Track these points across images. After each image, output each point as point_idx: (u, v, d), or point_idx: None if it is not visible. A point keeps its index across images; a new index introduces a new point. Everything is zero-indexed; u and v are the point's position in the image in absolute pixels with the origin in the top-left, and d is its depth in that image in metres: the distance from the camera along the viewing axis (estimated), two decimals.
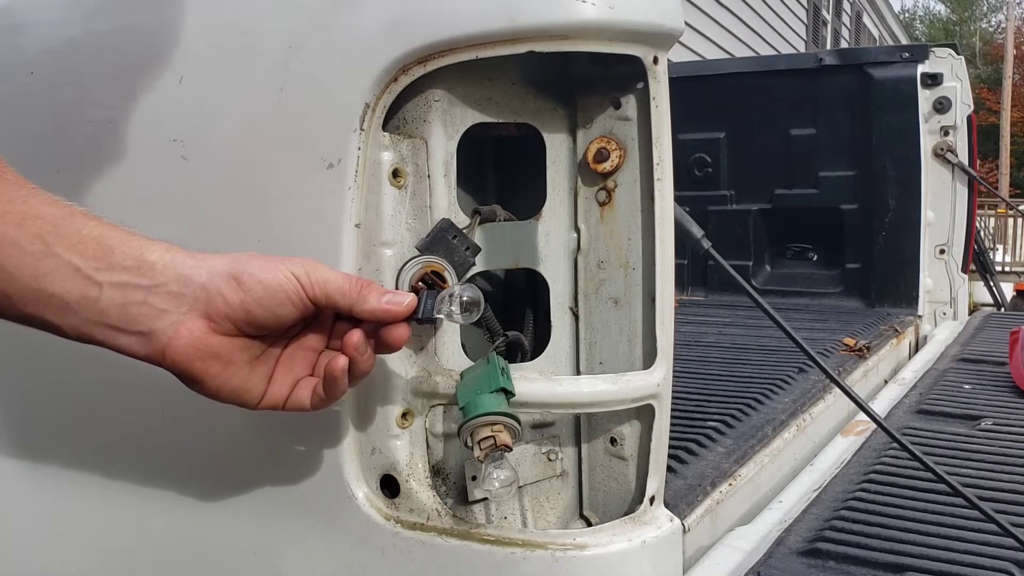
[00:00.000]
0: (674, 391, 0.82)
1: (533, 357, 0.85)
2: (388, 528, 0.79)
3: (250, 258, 0.66)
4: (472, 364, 0.77)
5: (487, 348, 0.86)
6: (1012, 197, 18.66)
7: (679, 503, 0.96)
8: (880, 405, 1.55)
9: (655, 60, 0.74)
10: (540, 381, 0.79)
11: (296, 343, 0.70)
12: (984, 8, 39.05)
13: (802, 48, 11.70)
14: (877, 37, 17.30)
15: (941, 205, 2.43)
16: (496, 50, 0.69)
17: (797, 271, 2.68)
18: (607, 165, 0.79)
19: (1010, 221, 11.02)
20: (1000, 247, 10.49)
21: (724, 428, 1.25)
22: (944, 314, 2.47)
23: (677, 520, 0.83)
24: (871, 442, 1.27)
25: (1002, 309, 3.29)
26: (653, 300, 0.79)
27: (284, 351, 0.69)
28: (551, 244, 0.83)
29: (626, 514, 0.81)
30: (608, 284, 0.82)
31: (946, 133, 2.37)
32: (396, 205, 0.75)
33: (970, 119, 2.39)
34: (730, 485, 1.09)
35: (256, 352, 0.67)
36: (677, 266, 1.20)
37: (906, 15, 40.18)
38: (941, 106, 2.34)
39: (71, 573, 1.00)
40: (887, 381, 1.89)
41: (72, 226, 0.64)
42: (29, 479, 1.00)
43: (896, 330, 2.14)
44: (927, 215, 2.40)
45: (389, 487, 0.79)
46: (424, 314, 0.69)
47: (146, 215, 0.80)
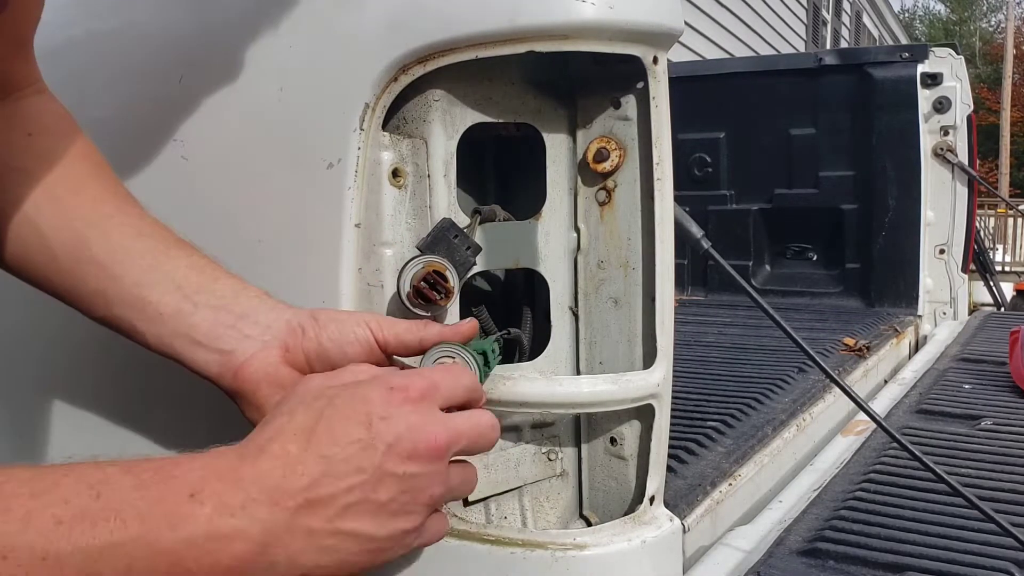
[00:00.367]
0: (674, 391, 0.82)
1: (533, 357, 0.85)
2: None
3: (330, 309, 0.72)
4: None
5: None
6: (1012, 197, 18.67)
7: (679, 503, 0.96)
8: (880, 405, 1.55)
9: (655, 60, 0.74)
10: (540, 381, 0.79)
11: None
12: (984, 8, 39.07)
13: (802, 48, 11.70)
14: (877, 37, 17.30)
15: (941, 205, 2.43)
16: (496, 50, 0.69)
17: (797, 271, 2.68)
18: (607, 165, 0.79)
19: (1010, 221, 11.03)
20: (1000, 247, 10.50)
21: (724, 428, 1.25)
22: (944, 314, 2.47)
23: (677, 520, 0.83)
24: (871, 442, 1.27)
25: (1002, 309, 3.30)
26: (653, 300, 0.79)
27: None
28: (551, 244, 0.83)
29: (626, 514, 0.81)
30: (608, 284, 0.82)
31: (946, 133, 2.37)
32: (396, 205, 0.75)
33: (970, 119, 2.39)
34: (730, 485, 1.09)
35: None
36: (677, 266, 1.20)
37: (906, 15, 40.20)
38: (941, 106, 2.34)
39: None
40: (887, 381, 1.89)
41: (181, 251, 0.71)
42: None
43: (896, 330, 2.14)
44: (927, 215, 2.40)
45: None
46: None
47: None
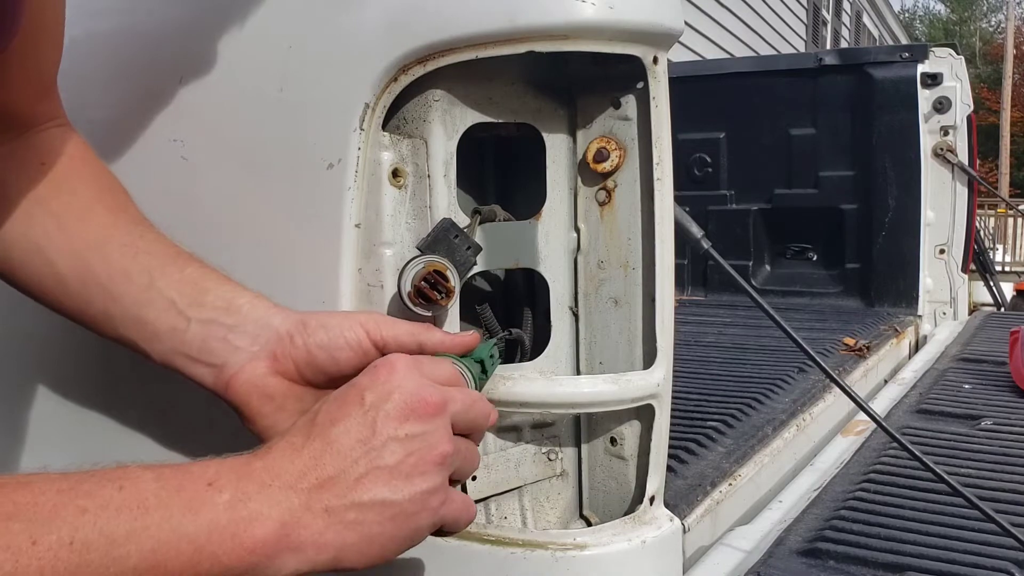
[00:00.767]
0: (674, 391, 0.82)
1: (533, 357, 0.85)
2: None
3: (326, 311, 0.71)
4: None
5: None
6: (1012, 197, 18.66)
7: (679, 503, 0.96)
8: (880, 405, 1.55)
9: (655, 60, 0.74)
10: (540, 381, 0.79)
11: None
12: (984, 8, 39.07)
13: (802, 48, 11.70)
14: (877, 37, 17.30)
15: (941, 205, 2.43)
16: (496, 50, 0.69)
17: (797, 271, 2.68)
18: (607, 165, 0.79)
19: (1010, 221, 11.03)
20: (1000, 247, 10.49)
21: (724, 428, 1.25)
22: (944, 314, 2.47)
23: (677, 520, 0.83)
24: (871, 442, 1.27)
25: (1002, 309, 3.29)
26: (653, 300, 0.79)
27: None
28: (551, 244, 0.83)
29: (626, 514, 0.81)
30: (608, 284, 0.82)
31: (946, 133, 2.37)
32: (396, 205, 0.75)
33: (970, 119, 2.39)
34: (730, 485, 1.09)
35: (309, 405, 0.69)
36: (677, 266, 1.20)
37: (906, 15, 40.19)
38: (941, 106, 2.34)
39: None
40: (887, 381, 1.89)
41: (176, 265, 0.72)
42: None
43: (896, 330, 2.14)
44: (927, 215, 2.40)
45: None
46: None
47: (146, 215, 0.79)
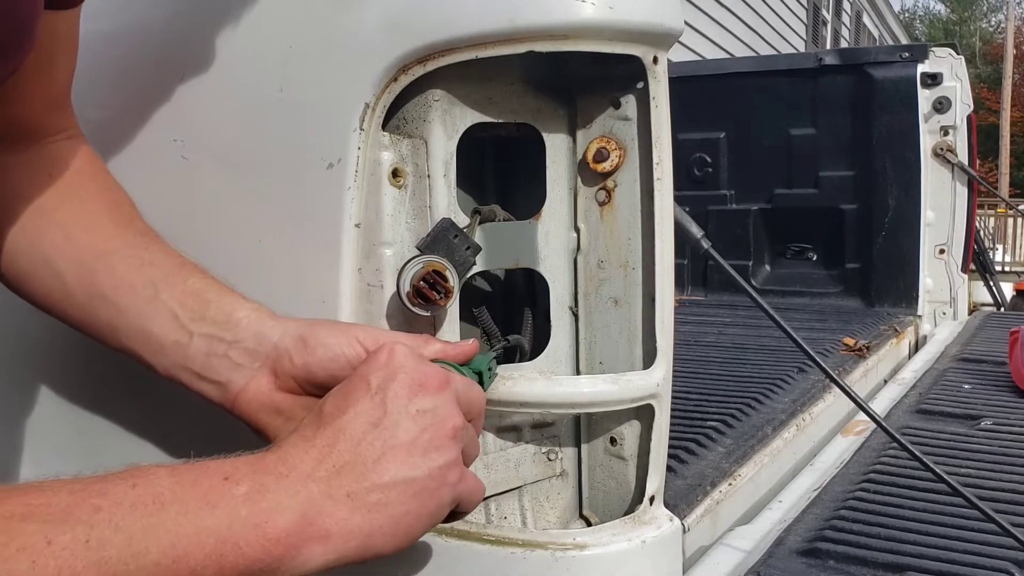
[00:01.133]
0: (674, 391, 0.82)
1: (533, 357, 0.85)
2: None
3: (323, 323, 0.70)
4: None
5: (484, 350, 0.86)
6: (1012, 197, 18.66)
7: (679, 503, 0.96)
8: (880, 405, 1.55)
9: (655, 60, 0.74)
10: (540, 381, 0.79)
11: None
12: (984, 8, 39.07)
13: (802, 48, 11.70)
14: (877, 37, 17.30)
15: (941, 205, 2.43)
16: (496, 50, 0.69)
17: (797, 271, 2.68)
18: (607, 165, 0.79)
19: (1010, 221, 11.03)
20: (1000, 247, 10.49)
21: (724, 428, 1.25)
22: (944, 314, 2.47)
23: (677, 520, 0.83)
24: (871, 442, 1.27)
25: (1002, 309, 3.29)
26: (653, 300, 0.79)
27: None
28: (551, 244, 0.83)
29: (626, 514, 0.81)
30: (608, 284, 0.82)
31: (946, 133, 2.37)
32: (396, 205, 0.75)
33: (970, 119, 2.39)
34: (730, 485, 1.09)
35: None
36: (677, 266, 1.20)
37: (906, 15, 40.18)
38: (941, 106, 2.34)
39: None
40: (887, 381, 1.89)
41: (180, 276, 0.72)
42: None
43: (896, 330, 2.14)
44: (927, 215, 2.40)
45: None
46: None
47: (146, 216, 0.79)
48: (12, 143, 0.75)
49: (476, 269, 0.77)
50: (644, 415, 0.81)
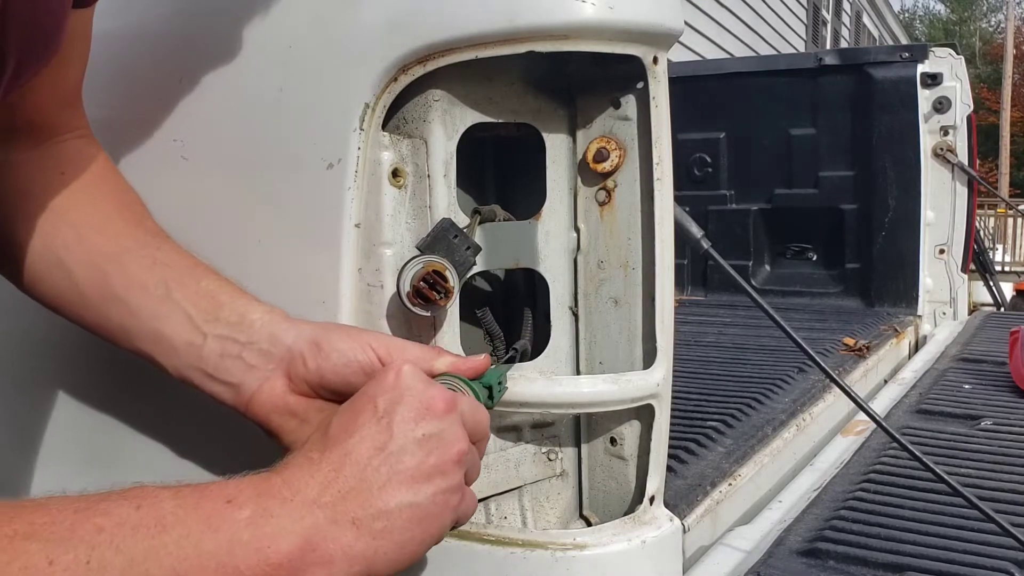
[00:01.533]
0: (674, 391, 0.82)
1: (533, 357, 0.85)
2: None
3: (337, 328, 0.70)
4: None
5: (485, 349, 0.86)
6: (1012, 197, 18.66)
7: (679, 503, 0.96)
8: (880, 405, 1.55)
9: (655, 60, 0.74)
10: (540, 381, 0.79)
11: None
12: (984, 8, 39.07)
13: (802, 48, 11.70)
14: (877, 37, 17.30)
15: (941, 205, 2.43)
16: (496, 50, 0.69)
17: (797, 271, 2.68)
18: (607, 165, 0.79)
19: (1010, 221, 11.03)
20: (1000, 247, 10.49)
21: (724, 428, 1.25)
22: (944, 314, 2.47)
23: (677, 520, 0.83)
24: (871, 442, 1.27)
25: (1002, 309, 3.29)
26: (653, 300, 0.79)
27: None
28: (551, 244, 0.83)
29: (626, 514, 0.81)
30: (608, 284, 0.82)
31: (946, 133, 2.37)
32: (396, 205, 0.75)
33: (970, 119, 2.39)
34: (730, 485, 1.09)
35: (332, 416, 0.69)
36: (677, 266, 1.20)
37: (906, 15, 40.19)
38: (941, 106, 2.34)
39: None
40: (887, 381, 1.89)
41: (192, 277, 0.72)
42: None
43: (896, 330, 2.14)
44: (927, 215, 2.40)
45: None
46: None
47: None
48: (24, 140, 0.75)
49: (476, 269, 0.77)
50: (644, 415, 0.81)
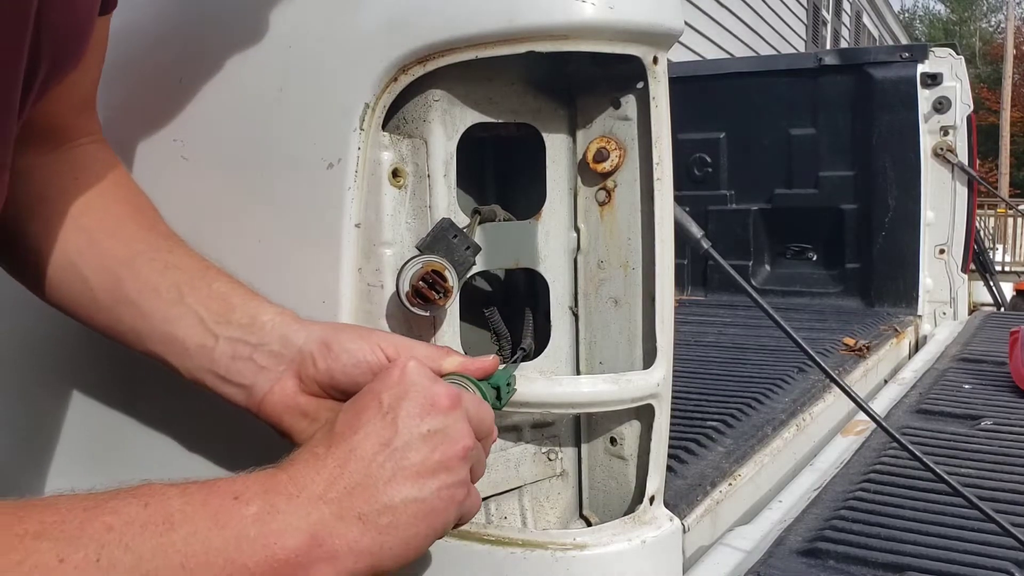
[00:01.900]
0: (674, 391, 0.82)
1: (533, 357, 0.85)
2: None
3: (346, 328, 0.71)
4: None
5: (490, 349, 0.86)
6: (1012, 197, 18.65)
7: (679, 503, 0.96)
8: (880, 405, 1.55)
9: (655, 60, 0.74)
10: (540, 381, 0.79)
11: None
12: (984, 8, 39.07)
13: (802, 48, 11.69)
14: (877, 37, 17.30)
15: (941, 205, 2.43)
16: (496, 50, 0.69)
17: (797, 271, 2.68)
18: (607, 165, 0.79)
19: (1010, 221, 11.02)
20: (1000, 247, 10.49)
21: (724, 428, 1.25)
22: (944, 314, 2.47)
23: (677, 520, 0.83)
24: (871, 442, 1.27)
25: (1002, 309, 3.29)
26: (653, 300, 0.79)
27: None
28: (551, 244, 0.83)
29: (626, 514, 0.81)
30: (608, 284, 0.82)
31: (946, 133, 2.37)
32: (396, 205, 0.75)
33: (970, 119, 2.39)
34: (730, 485, 1.09)
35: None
36: (677, 266, 1.20)
37: (906, 15, 40.18)
38: (941, 106, 2.34)
39: None
40: (887, 381, 1.89)
41: (204, 280, 0.72)
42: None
43: (896, 330, 2.14)
44: (927, 215, 2.40)
45: None
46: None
47: None
48: (39, 144, 0.75)
49: (476, 269, 0.77)
50: (644, 415, 0.81)
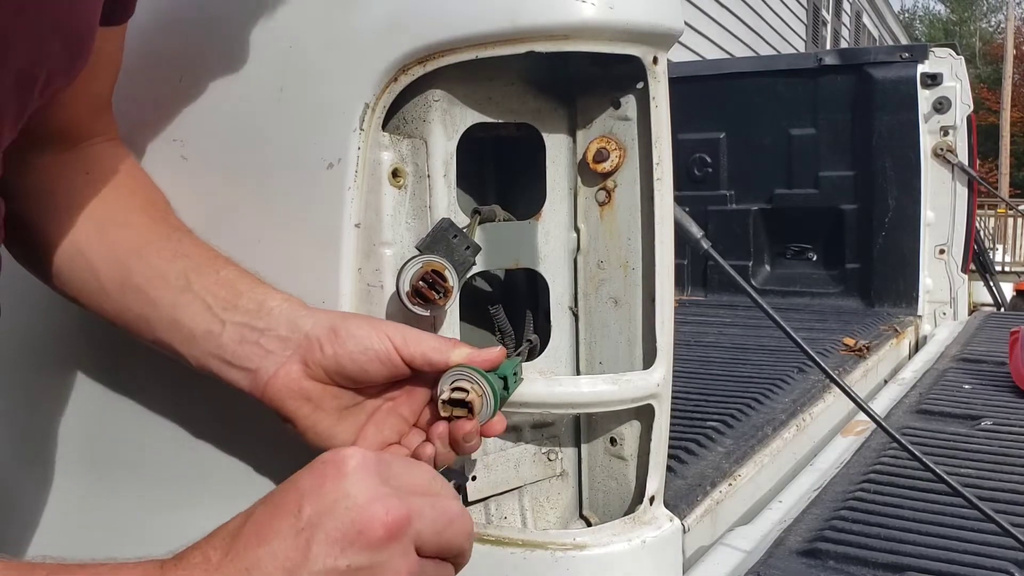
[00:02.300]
0: (674, 391, 0.82)
1: (533, 357, 0.85)
2: None
3: (355, 316, 0.71)
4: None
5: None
6: (1012, 197, 18.66)
7: (679, 503, 0.96)
8: (880, 405, 1.55)
9: (655, 60, 0.74)
10: (540, 381, 0.79)
11: (390, 406, 0.72)
12: (984, 8, 39.08)
13: (802, 48, 11.70)
14: (877, 37, 17.30)
15: (941, 205, 2.43)
16: (496, 50, 0.69)
17: (797, 271, 2.68)
18: (607, 165, 0.79)
19: (1010, 221, 11.03)
20: (1000, 247, 10.49)
21: (724, 428, 1.25)
22: (944, 314, 2.46)
23: (677, 520, 0.83)
24: (871, 442, 1.27)
25: (1002, 309, 3.29)
26: (653, 300, 0.79)
27: (377, 412, 0.72)
28: (551, 244, 0.83)
29: (626, 514, 0.81)
30: (608, 284, 0.82)
31: (946, 133, 2.37)
32: (396, 205, 0.75)
33: (970, 119, 2.39)
34: (730, 485, 1.09)
35: (347, 403, 0.70)
36: (677, 266, 1.20)
37: (906, 15, 40.19)
38: (941, 106, 2.34)
39: None
40: (887, 381, 1.89)
41: (212, 267, 0.73)
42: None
43: (896, 330, 2.14)
44: (927, 215, 2.40)
45: None
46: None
47: None
48: (54, 145, 0.76)
49: (476, 269, 0.77)
50: (644, 415, 0.81)
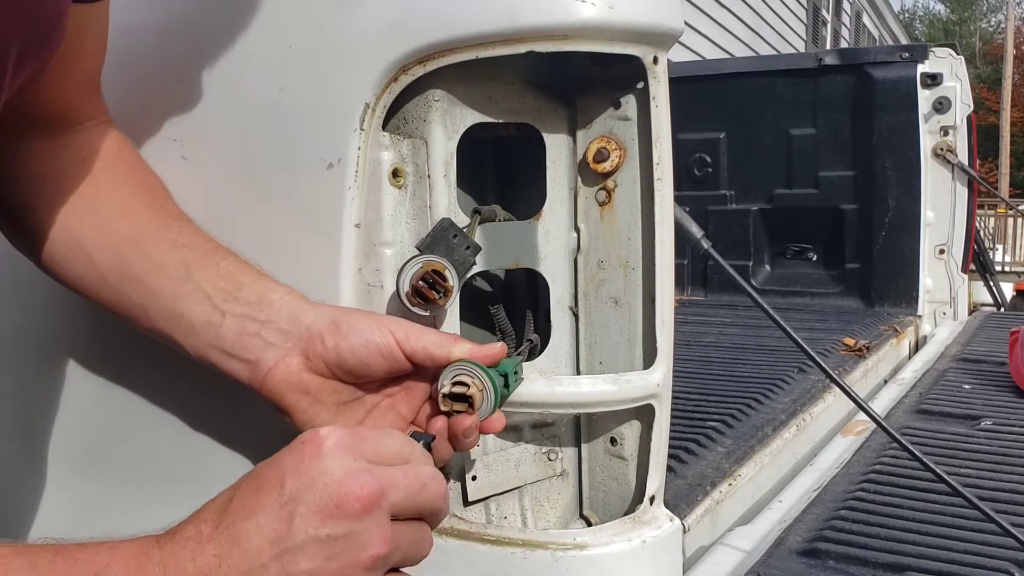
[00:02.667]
0: (674, 391, 0.82)
1: (533, 357, 0.85)
2: None
3: (357, 310, 0.72)
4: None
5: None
6: (1012, 197, 18.66)
7: (679, 503, 0.96)
8: (880, 405, 1.55)
9: (655, 60, 0.74)
10: (540, 381, 0.79)
11: (389, 403, 0.72)
12: (984, 8, 39.08)
13: (802, 48, 11.70)
14: (877, 37, 17.30)
15: (941, 205, 2.43)
16: (496, 50, 0.69)
17: (797, 271, 2.68)
18: (607, 165, 0.79)
19: (1010, 221, 11.03)
20: (1000, 247, 10.49)
21: (724, 428, 1.25)
22: (944, 314, 2.46)
23: (677, 520, 0.83)
24: (871, 442, 1.27)
25: (1002, 309, 3.29)
26: (653, 300, 0.79)
27: (376, 408, 0.71)
28: (551, 244, 0.83)
29: (626, 514, 0.81)
30: (608, 284, 0.82)
31: (946, 133, 2.37)
32: (396, 205, 0.75)
33: (970, 119, 2.39)
34: (730, 485, 1.09)
35: (345, 398, 0.70)
36: (677, 266, 1.20)
37: (906, 15, 40.19)
38: (941, 106, 2.34)
39: None
40: (887, 381, 1.89)
41: (212, 258, 0.72)
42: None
43: (896, 330, 2.14)
44: (927, 215, 2.40)
45: None
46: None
47: None
48: (44, 129, 0.75)
49: (476, 269, 0.77)
50: (644, 415, 0.81)
